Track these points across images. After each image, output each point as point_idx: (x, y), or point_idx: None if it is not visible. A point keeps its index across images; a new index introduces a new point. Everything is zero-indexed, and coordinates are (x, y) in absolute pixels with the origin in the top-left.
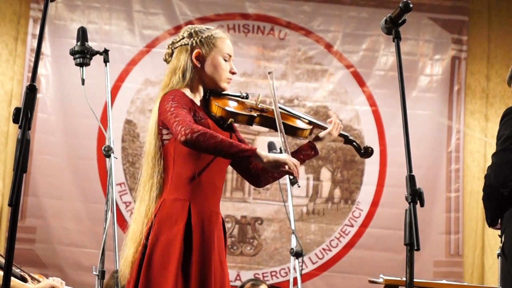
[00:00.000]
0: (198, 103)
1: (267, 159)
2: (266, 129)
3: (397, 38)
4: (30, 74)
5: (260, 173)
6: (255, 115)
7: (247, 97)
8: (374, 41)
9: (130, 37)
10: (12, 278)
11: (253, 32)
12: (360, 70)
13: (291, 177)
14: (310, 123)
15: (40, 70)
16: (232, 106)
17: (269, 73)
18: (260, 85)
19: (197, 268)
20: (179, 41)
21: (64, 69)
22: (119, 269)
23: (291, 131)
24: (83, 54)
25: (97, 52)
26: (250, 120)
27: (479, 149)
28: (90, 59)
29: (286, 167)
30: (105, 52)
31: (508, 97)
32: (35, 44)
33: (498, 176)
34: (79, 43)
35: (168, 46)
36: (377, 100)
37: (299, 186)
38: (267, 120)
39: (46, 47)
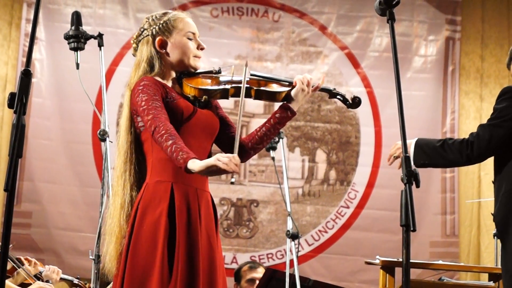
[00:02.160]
0: (170, 85)
1: (200, 170)
2: (261, 111)
3: (391, 19)
4: (24, 59)
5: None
6: (229, 87)
7: (219, 72)
8: (368, 23)
9: (125, 21)
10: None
11: (247, 15)
12: (355, 51)
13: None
14: (289, 85)
15: (35, 54)
16: (204, 83)
17: (246, 65)
18: (255, 67)
19: (183, 247)
20: (141, 33)
21: (58, 53)
22: (105, 265)
23: (270, 97)
24: (77, 39)
25: (92, 36)
26: (224, 94)
27: (474, 129)
28: (85, 43)
29: (219, 168)
30: (100, 36)
31: (502, 77)
32: (29, 29)
33: (480, 149)
34: (73, 28)
35: (133, 41)
36: (372, 82)
37: (232, 183)
38: (241, 90)
39: (40, 32)
